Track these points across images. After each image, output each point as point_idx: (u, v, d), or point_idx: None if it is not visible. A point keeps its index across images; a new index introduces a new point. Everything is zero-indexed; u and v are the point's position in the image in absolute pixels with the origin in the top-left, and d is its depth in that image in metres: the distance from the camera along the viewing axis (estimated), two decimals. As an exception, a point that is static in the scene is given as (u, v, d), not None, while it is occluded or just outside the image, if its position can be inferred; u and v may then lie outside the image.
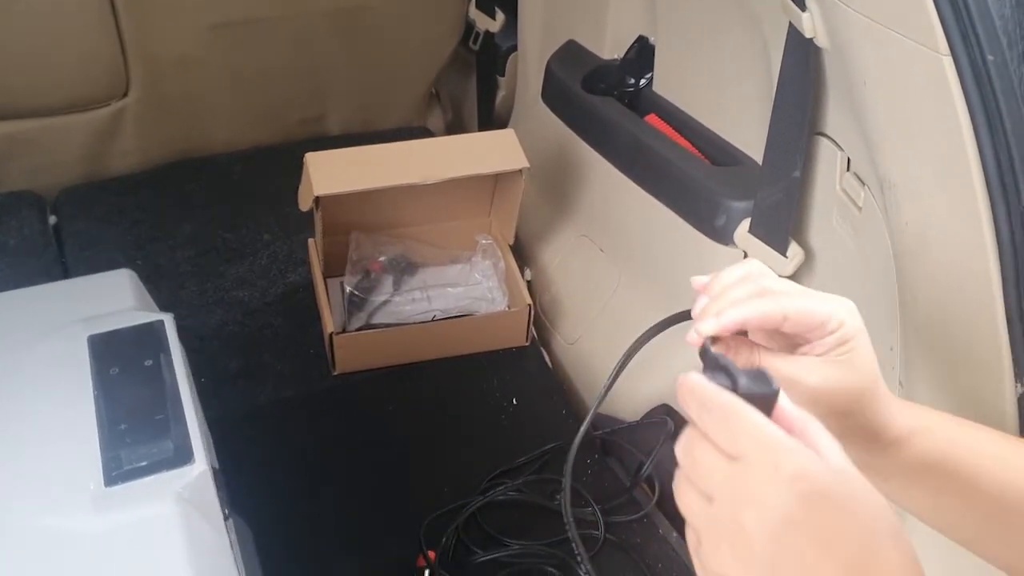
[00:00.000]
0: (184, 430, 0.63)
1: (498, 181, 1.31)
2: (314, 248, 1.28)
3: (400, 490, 1.10)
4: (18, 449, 0.61)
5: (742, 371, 0.42)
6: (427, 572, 1.02)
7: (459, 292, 1.31)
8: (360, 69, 1.58)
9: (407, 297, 1.30)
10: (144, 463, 0.60)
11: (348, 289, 1.25)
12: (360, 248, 1.29)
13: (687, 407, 0.42)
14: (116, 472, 0.60)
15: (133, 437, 0.62)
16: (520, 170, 1.22)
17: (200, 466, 0.60)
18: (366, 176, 1.17)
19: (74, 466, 0.60)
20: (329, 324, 1.19)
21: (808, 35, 0.81)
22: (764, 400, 0.41)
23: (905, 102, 0.71)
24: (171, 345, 0.70)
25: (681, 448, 0.42)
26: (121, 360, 0.68)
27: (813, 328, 0.50)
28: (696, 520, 0.41)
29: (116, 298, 0.75)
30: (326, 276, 1.28)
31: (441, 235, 1.34)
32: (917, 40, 0.65)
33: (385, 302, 1.29)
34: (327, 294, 1.25)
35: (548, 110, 1.40)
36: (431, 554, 1.02)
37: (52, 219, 1.42)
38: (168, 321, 0.72)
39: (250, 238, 1.41)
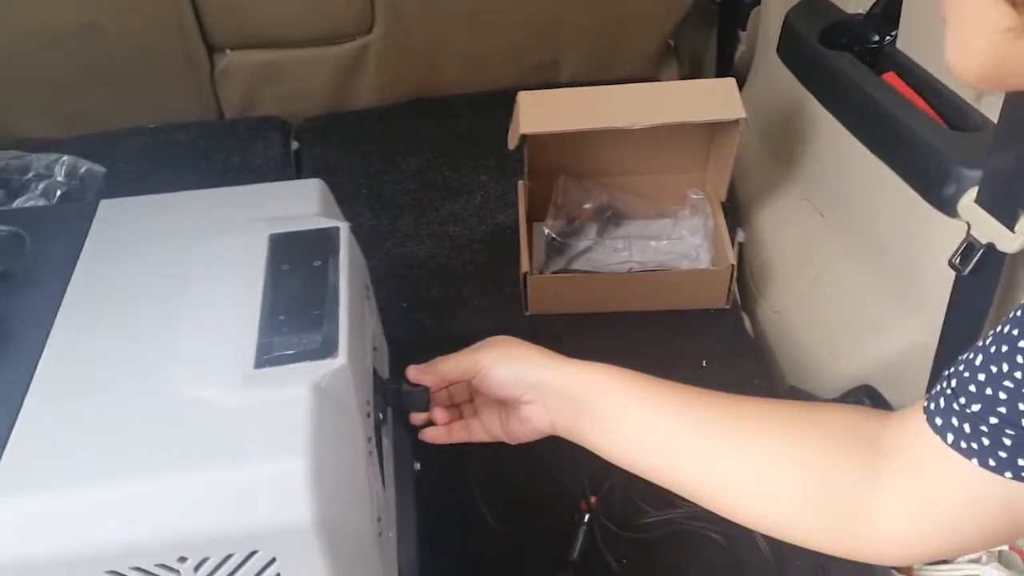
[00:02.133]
0: (334, 327, 0.65)
1: (715, 134, 1.26)
2: (523, 189, 1.29)
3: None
4: (188, 326, 0.66)
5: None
6: (587, 517, 1.01)
7: (663, 246, 1.28)
8: (596, 15, 1.57)
9: (609, 246, 1.29)
10: (291, 351, 0.64)
11: (547, 233, 1.25)
12: (566, 193, 1.29)
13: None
14: (266, 356, 0.63)
15: (289, 327, 0.66)
16: (736, 121, 1.17)
17: (341, 361, 0.63)
18: (574, 117, 1.16)
19: (232, 346, 0.64)
20: (525, 264, 1.20)
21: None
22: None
23: None
24: (341, 250, 0.73)
25: None
26: (294, 258, 0.72)
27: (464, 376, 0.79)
28: None
29: (304, 204, 0.79)
30: (533, 219, 1.29)
31: (651, 187, 1.31)
32: None
33: (586, 249, 1.28)
34: (529, 236, 1.26)
35: (783, 66, 1.33)
36: (594, 499, 1.02)
37: (295, 144, 1.53)
38: (344, 229, 0.75)
39: (468, 177, 1.45)
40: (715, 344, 1.21)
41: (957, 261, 0.92)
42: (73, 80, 1.45)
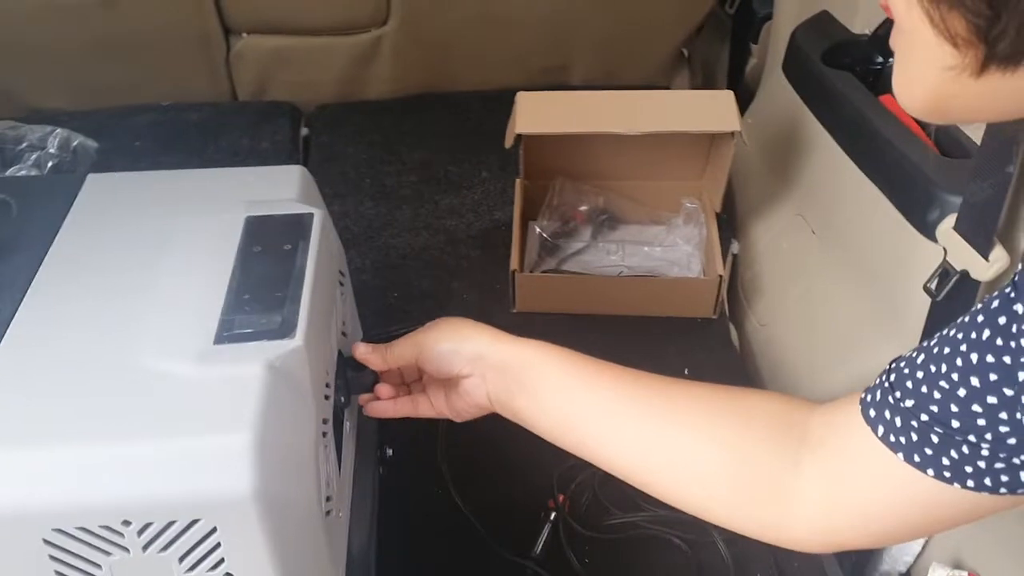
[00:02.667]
0: (295, 309, 0.67)
1: (713, 144, 1.27)
2: (519, 188, 1.30)
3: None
4: (156, 299, 0.68)
5: None
6: (554, 515, 1.02)
7: (655, 253, 1.29)
8: (608, 21, 1.58)
9: (602, 249, 1.30)
10: (250, 330, 0.65)
11: (540, 233, 1.27)
12: (562, 194, 1.30)
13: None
14: (226, 333, 0.65)
15: (251, 307, 0.68)
16: (731, 133, 1.17)
17: (297, 342, 0.65)
18: (571, 120, 1.18)
19: (195, 322, 0.66)
20: (514, 261, 1.21)
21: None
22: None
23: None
24: (312, 236, 0.75)
25: None
26: (266, 241, 0.74)
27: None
28: None
29: (285, 189, 0.81)
30: (529, 218, 1.31)
31: (647, 193, 1.32)
32: None
33: (579, 251, 1.30)
34: (522, 235, 1.27)
35: (788, 82, 1.34)
36: (561, 497, 1.03)
37: (304, 131, 1.55)
38: (318, 216, 0.77)
39: (470, 173, 1.46)
40: (699, 353, 1.22)
41: (932, 286, 0.93)
42: (89, 53, 1.48)
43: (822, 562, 1.01)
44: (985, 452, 0.52)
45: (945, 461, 0.54)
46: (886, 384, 0.57)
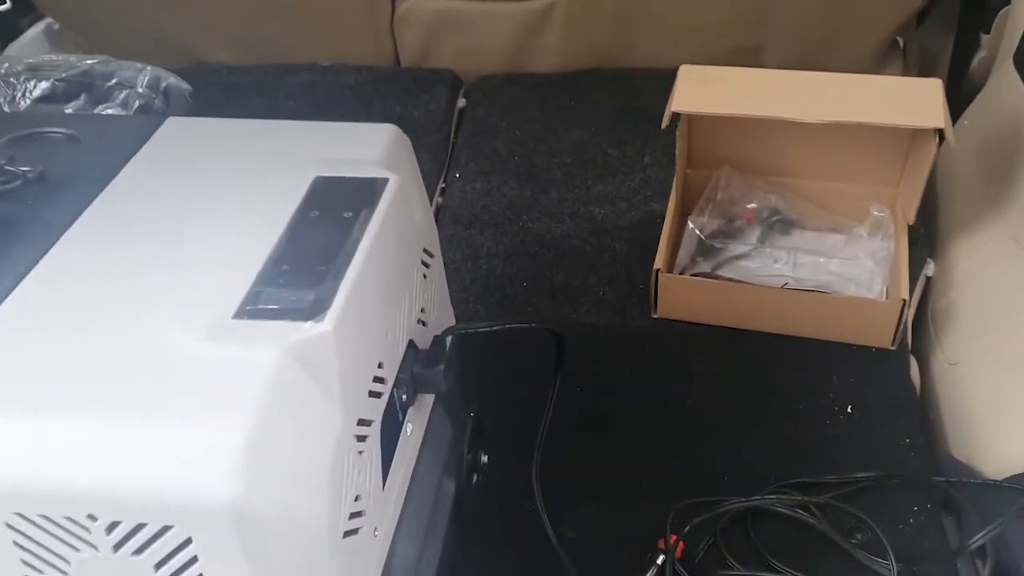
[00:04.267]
0: (333, 288, 0.56)
1: (913, 143, 1.06)
2: (678, 177, 1.15)
3: (670, 458, 0.96)
4: (190, 258, 0.60)
5: None
6: (662, 558, 0.87)
7: (831, 266, 1.10)
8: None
9: (768, 256, 1.12)
10: (275, 306, 0.55)
11: (696, 230, 1.11)
12: (728, 188, 1.13)
13: None
14: (249, 307, 0.55)
15: (287, 279, 0.58)
16: (935, 131, 0.97)
17: (325, 327, 0.54)
18: (743, 101, 1.01)
19: (221, 289, 0.57)
20: (660, 259, 1.06)
21: None
22: None
23: None
24: (380, 204, 0.64)
25: None
26: (327, 206, 0.64)
27: None
28: None
29: (370, 149, 0.71)
30: (685, 213, 1.15)
31: (828, 196, 1.13)
32: None
33: (741, 255, 1.13)
34: (676, 231, 1.12)
35: (1020, 79, 1.11)
36: (673, 539, 0.88)
37: (462, 102, 1.46)
38: (393, 182, 0.66)
39: (630, 158, 1.32)
40: (869, 389, 1.02)
41: None
42: (256, 9, 1.44)
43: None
44: None
45: None
46: None
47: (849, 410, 1.00)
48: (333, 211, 0.63)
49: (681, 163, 1.10)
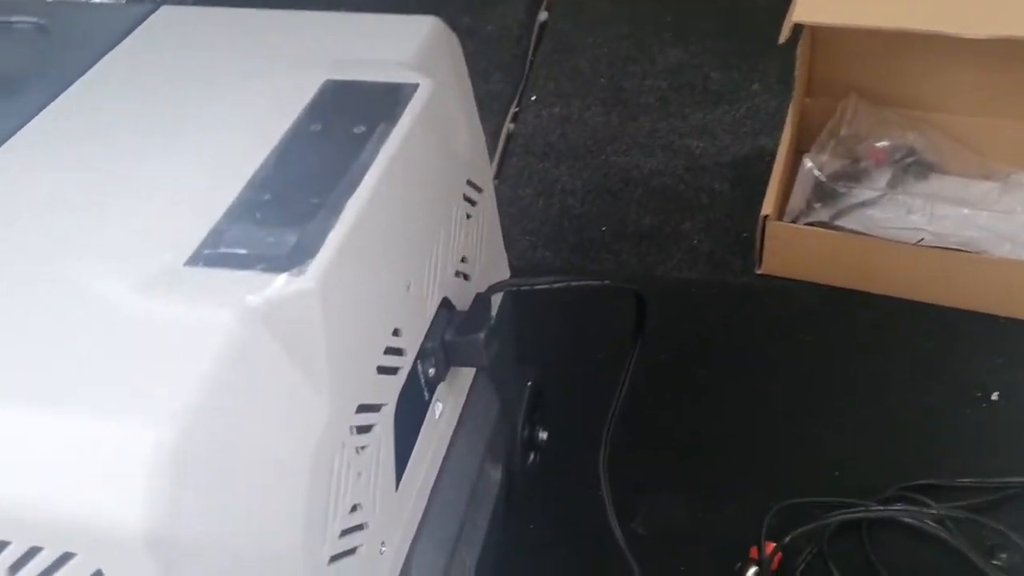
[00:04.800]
0: (324, 227, 0.41)
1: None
2: (794, 107, 0.96)
3: (770, 448, 0.79)
4: (147, 184, 0.45)
5: None
6: (754, 569, 0.71)
7: (979, 219, 0.91)
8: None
9: (901, 204, 0.93)
10: (243, 251, 0.41)
11: (814, 170, 0.92)
12: (854, 120, 0.94)
13: None
14: (208, 251, 0.41)
15: (266, 214, 0.43)
16: None
17: (307, 282, 0.39)
18: (882, 9, 0.81)
19: (177, 226, 0.42)
20: (769, 204, 0.88)
21: None
22: None
23: None
24: (404, 118, 0.48)
25: None
26: (335, 117, 0.48)
27: None
28: None
29: (401, 47, 0.55)
30: (801, 149, 0.97)
31: (978, 134, 0.93)
32: None
33: (868, 202, 0.94)
34: (790, 171, 0.94)
35: None
36: (770, 548, 0.71)
37: (543, 15, 1.28)
38: (424, 88, 0.50)
39: (738, 82, 1.13)
40: (1020, 371, 0.84)
41: None
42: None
43: None
44: None
45: None
46: None
47: (994, 397, 0.82)
48: (341, 124, 0.48)
49: (800, 89, 0.92)
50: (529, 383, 0.73)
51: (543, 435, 0.76)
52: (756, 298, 0.91)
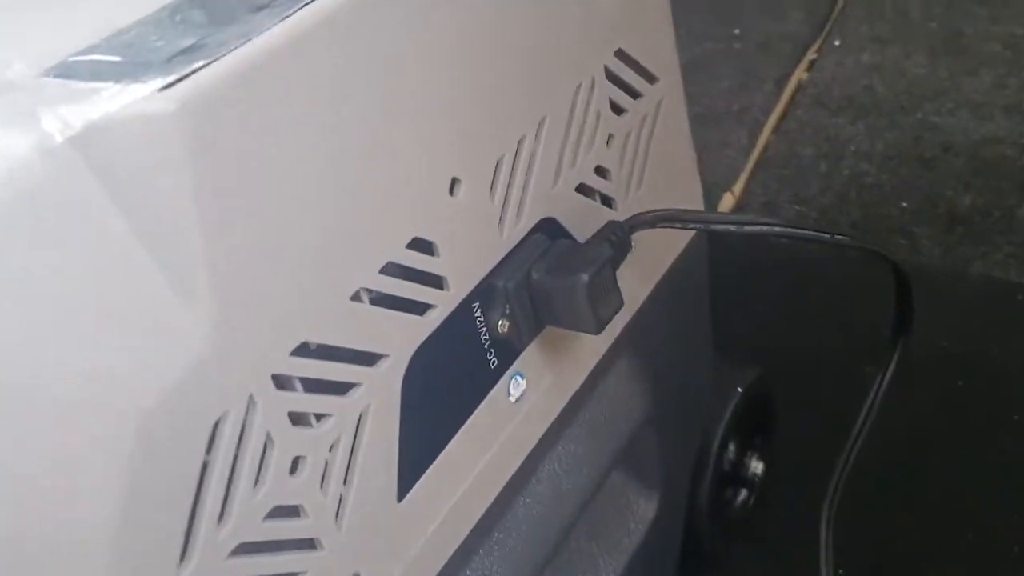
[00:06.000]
0: (246, 30, 0.24)
1: None
2: None
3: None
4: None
5: None
6: None
7: None
8: None
9: None
10: (116, 58, 0.25)
11: None
12: None
13: None
14: (76, 58, 0.25)
15: (185, 16, 0.27)
16: None
17: (159, 104, 0.22)
18: None
19: (72, 31, 0.27)
20: None
21: None
22: None
23: None
24: None
25: None
26: None
27: None
28: None
29: None
30: None
31: None
32: None
33: None
34: None
35: None
36: None
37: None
38: None
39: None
40: None
41: None
42: None
43: None
44: None
45: None
46: None
47: None
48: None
49: None
50: (739, 388, 0.53)
51: (757, 467, 0.55)
52: None
